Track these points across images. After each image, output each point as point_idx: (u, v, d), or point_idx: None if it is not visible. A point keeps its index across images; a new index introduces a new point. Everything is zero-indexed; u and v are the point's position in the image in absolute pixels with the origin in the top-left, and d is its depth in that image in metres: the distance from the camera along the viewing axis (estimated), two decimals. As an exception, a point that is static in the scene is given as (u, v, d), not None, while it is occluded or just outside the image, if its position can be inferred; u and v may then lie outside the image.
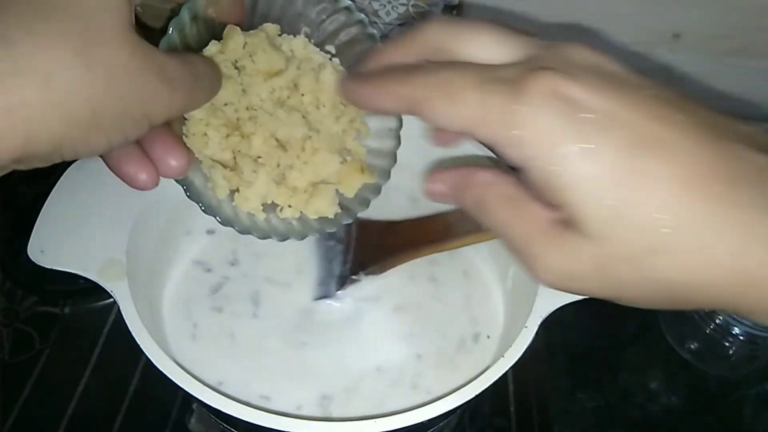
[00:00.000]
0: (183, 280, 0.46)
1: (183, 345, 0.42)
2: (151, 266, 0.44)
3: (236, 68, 0.31)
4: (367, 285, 0.44)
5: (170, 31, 0.28)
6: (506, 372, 0.35)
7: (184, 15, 0.28)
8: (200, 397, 0.33)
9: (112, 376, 0.48)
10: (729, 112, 0.46)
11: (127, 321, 0.35)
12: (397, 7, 0.50)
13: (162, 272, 0.45)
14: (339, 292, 0.44)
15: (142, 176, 0.28)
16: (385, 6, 0.50)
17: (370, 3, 0.50)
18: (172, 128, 0.29)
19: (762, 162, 0.21)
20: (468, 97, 0.22)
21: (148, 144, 0.28)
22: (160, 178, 0.28)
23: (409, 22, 0.51)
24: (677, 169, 0.20)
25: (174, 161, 0.28)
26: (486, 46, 0.24)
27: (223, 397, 0.33)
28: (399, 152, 0.36)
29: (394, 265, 0.43)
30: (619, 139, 0.21)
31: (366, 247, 0.44)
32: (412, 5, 0.50)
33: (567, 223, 0.22)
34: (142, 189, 0.28)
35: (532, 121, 0.21)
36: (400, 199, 0.50)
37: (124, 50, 0.23)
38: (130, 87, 0.23)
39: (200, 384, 0.33)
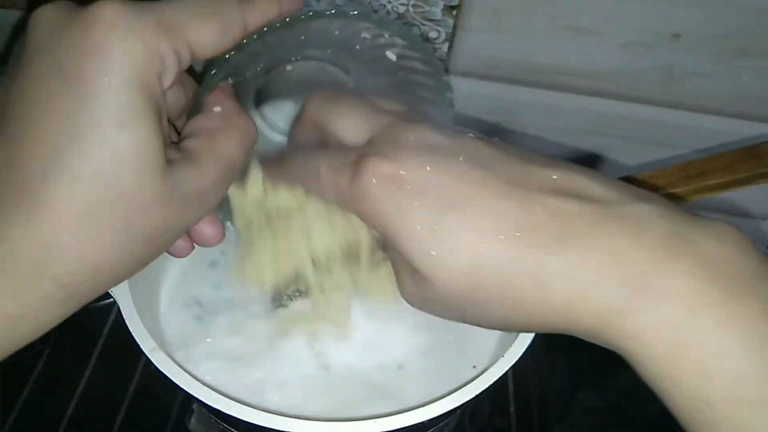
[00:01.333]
0: (183, 280, 0.45)
1: (183, 344, 0.42)
2: (151, 266, 0.44)
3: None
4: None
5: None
6: (506, 372, 0.35)
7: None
8: (200, 397, 0.33)
9: (112, 376, 0.48)
10: (730, 112, 0.46)
11: (126, 321, 0.35)
12: (397, 8, 0.50)
13: (162, 272, 0.45)
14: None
15: (179, 242, 0.31)
16: (385, 6, 0.50)
17: (369, 3, 0.50)
18: None
19: (554, 206, 0.24)
20: (326, 180, 0.28)
21: None
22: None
23: (409, 22, 0.51)
24: (479, 222, 0.24)
25: (208, 230, 0.31)
26: (348, 126, 0.29)
27: (223, 397, 0.33)
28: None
29: None
30: (432, 201, 0.25)
31: None
32: (412, 5, 0.50)
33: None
34: (177, 257, 0.32)
35: (367, 199, 0.26)
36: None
37: (157, 208, 0.25)
38: (165, 228, 0.26)
39: (200, 384, 0.33)
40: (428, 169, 0.26)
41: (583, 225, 0.24)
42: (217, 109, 0.28)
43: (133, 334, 0.35)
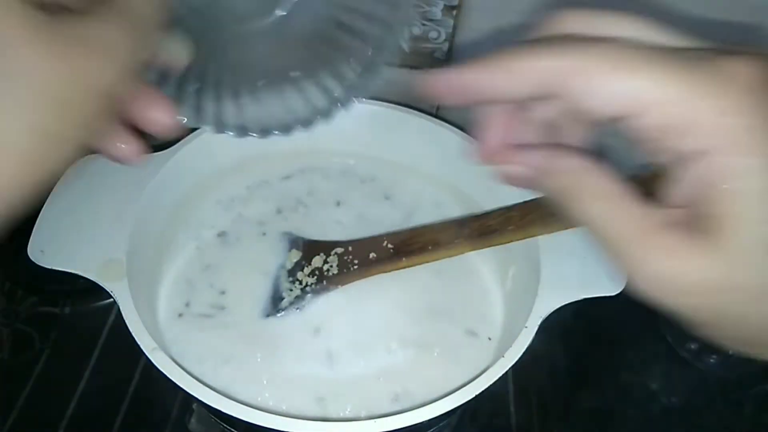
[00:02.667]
0: (183, 280, 0.46)
1: (183, 345, 0.42)
2: (151, 266, 0.44)
3: None
4: (367, 284, 0.44)
5: None
6: (506, 372, 0.35)
7: None
8: (200, 398, 0.33)
9: (112, 376, 0.48)
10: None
11: (127, 321, 0.35)
12: (397, 7, 0.50)
13: (162, 272, 0.45)
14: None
15: (121, 147, 0.24)
16: (385, 6, 0.50)
17: (370, 3, 0.50)
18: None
19: None
20: (640, 70, 0.19)
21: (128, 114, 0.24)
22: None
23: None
24: None
25: (155, 113, 0.24)
26: (641, 33, 0.21)
27: (223, 397, 0.33)
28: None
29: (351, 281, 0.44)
30: None
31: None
32: (413, 5, 0.50)
33: (693, 228, 0.19)
34: (125, 161, 0.25)
35: (727, 111, 0.18)
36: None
37: (33, 48, 0.19)
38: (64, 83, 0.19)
39: (200, 384, 0.33)
40: None
41: None
42: None
43: (133, 334, 0.35)
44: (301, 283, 0.44)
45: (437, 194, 0.52)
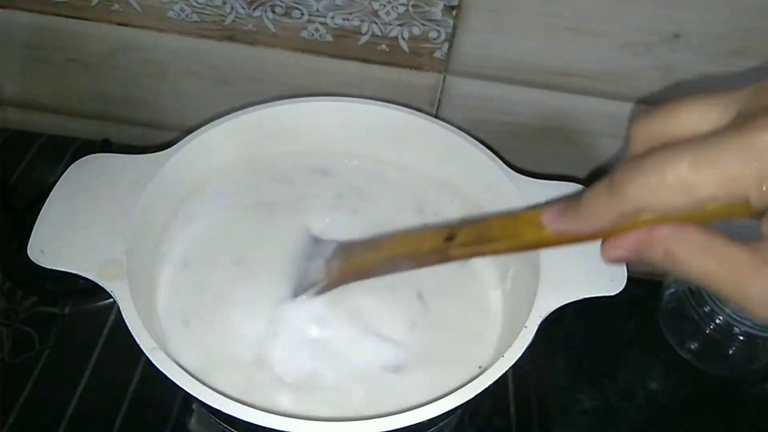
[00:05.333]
0: (182, 280, 0.45)
1: (183, 345, 0.42)
2: (151, 266, 0.44)
3: None
4: (367, 282, 0.44)
5: None
6: (506, 372, 0.35)
7: None
8: (200, 398, 0.33)
9: (112, 376, 0.48)
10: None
11: (127, 321, 0.35)
12: (396, 7, 0.50)
13: (162, 272, 0.45)
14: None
15: None
16: (384, 6, 0.50)
17: (369, 3, 0.50)
18: None
19: None
20: (712, 159, 0.21)
21: None
22: None
23: (409, 23, 0.51)
24: None
25: None
26: (697, 116, 0.24)
27: (222, 397, 0.33)
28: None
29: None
30: None
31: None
32: (412, 5, 0.50)
33: None
34: None
35: None
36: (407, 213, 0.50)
37: None
38: None
39: (200, 384, 0.33)
40: None
41: None
42: None
43: (133, 334, 0.35)
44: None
45: (437, 194, 0.52)
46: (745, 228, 0.23)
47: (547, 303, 0.38)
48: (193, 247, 0.47)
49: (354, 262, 0.39)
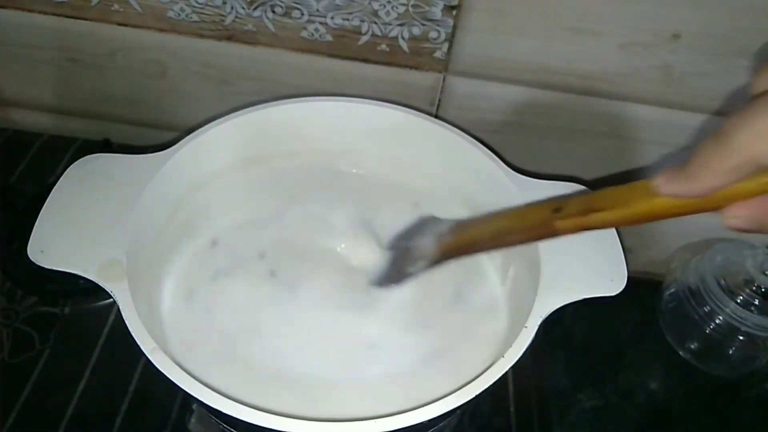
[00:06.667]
0: (183, 280, 0.46)
1: (183, 345, 0.42)
2: (151, 266, 0.45)
3: None
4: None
5: None
6: (506, 372, 0.35)
7: None
8: (200, 398, 0.33)
9: (112, 377, 0.48)
10: (728, 111, 0.46)
11: (126, 321, 0.35)
12: (396, 7, 0.50)
13: (162, 272, 0.45)
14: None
15: None
16: (384, 6, 0.50)
17: (369, 3, 0.50)
18: None
19: None
20: None
21: None
22: None
23: (409, 23, 0.51)
24: None
25: None
26: None
27: (222, 397, 0.33)
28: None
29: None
30: None
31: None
32: (412, 5, 0.50)
33: None
34: None
35: None
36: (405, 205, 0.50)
37: None
38: None
39: (200, 384, 0.33)
40: None
41: None
42: None
43: (133, 334, 0.35)
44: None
45: (437, 194, 0.52)
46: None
47: (547, 303, 0.38)
48: (193, 246, 0.48)
49: (466, 236, 0.39)
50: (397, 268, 0.42)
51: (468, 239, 0.38)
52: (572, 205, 0.31)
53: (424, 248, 0.40)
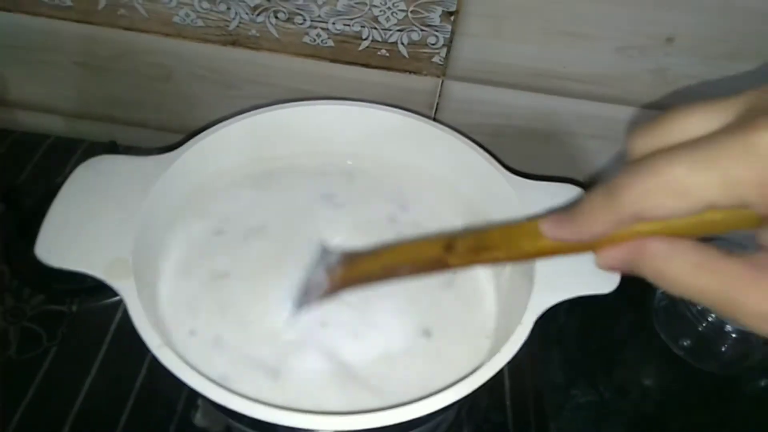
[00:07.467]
0: (188, 279, 0.46)
1: (188, 342, 0.42)
2: (157, 264, 0.45)
3: None
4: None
5: None
6: (502, 368, 0.36)
7: None
8: (206, 394, 0.33)
9: (118, 373, 0.48)
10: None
11: (133, 319, 0.36)
12: (396, 13, 0.51)
13: (168, 271, 0.46)
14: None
15: None
16: (384, 12, 0.51)
17: (370, 9, 0.51)
18: None
19: None
20: (710, 161, 0.20)
21: None
22: None
23: (408, 29, 0.52)
24: None
25: None
26: (697, 120, 0.23)
27: (228, 392, 0.33)
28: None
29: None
30: None
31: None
32: (411, 11, 0.50)
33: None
34: None
35: None
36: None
37: None
38: None
39: (206, 380, 0.34)
40: None
41: None
42: None
43: (140, 331, 0.35)
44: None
45: (436, 196, 0.52)
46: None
47: (542, 301, 0.39)
48: (198, 247, 0.48)
49: (356, 270, 0.40)
50: (303, 294, 0.42)
51: (357, 272, 0.38)
52: (463, 242, 0.32)
53: (317, 280, 0.40)
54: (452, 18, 0.51)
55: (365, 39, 0.53)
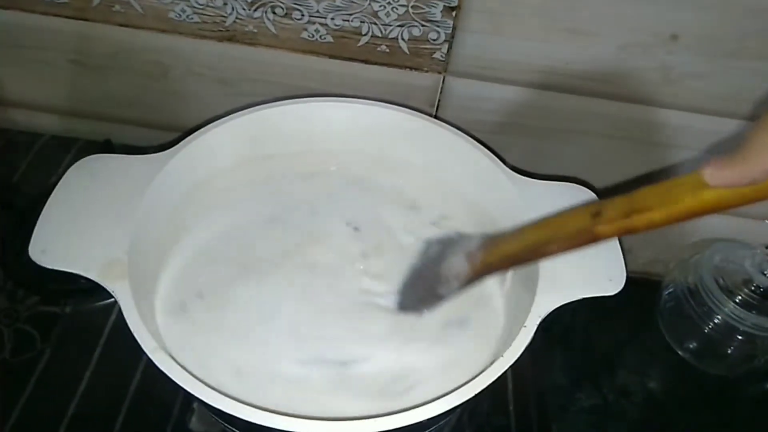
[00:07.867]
0: (184, 280, 0.46)
1: (184, 345, 0.42)
2: (153, 266, 0.45)
3: None
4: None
5: None
6: (505, 371, 0.35)
7: None
8: (201, 397, 0.33)
9: (113, 376, 0.48)
10: (725, 112, 0.45)
11: (128, 321, 0.36)
12: (396, 8, 0.50)
13: (163, 272, 0.46)
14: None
15: None
16: (384, 7, 0.50)
17: (369, 4, 0.50)
18: None
19: None
20: None
21: None
22: None
23: (409, 24, 0.51)
24: None
25: None
26: None
27: (223, 396, 0.33)
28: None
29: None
30: None
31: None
32: (412, 6, 0.50)
33: None
34: None
35: None
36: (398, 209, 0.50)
37: None
38: None
39: (201, 383, 0.33)
40: None
41: None
42: None
43: (134, 334, 0.35)
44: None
45: (436, 194, 0.52)
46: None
47: (546, 303, 0.38)
48: (194, 247, 0.48)
49: (498, 253, 0.38)
50: (429, 291, 0.40)
51: (501, 254, 0.36)
52: (612, 207, 0.29)
53: (456, 268, 0.38)
54: (454, 13, 0.50)
55: (365, 34, 0.53)
